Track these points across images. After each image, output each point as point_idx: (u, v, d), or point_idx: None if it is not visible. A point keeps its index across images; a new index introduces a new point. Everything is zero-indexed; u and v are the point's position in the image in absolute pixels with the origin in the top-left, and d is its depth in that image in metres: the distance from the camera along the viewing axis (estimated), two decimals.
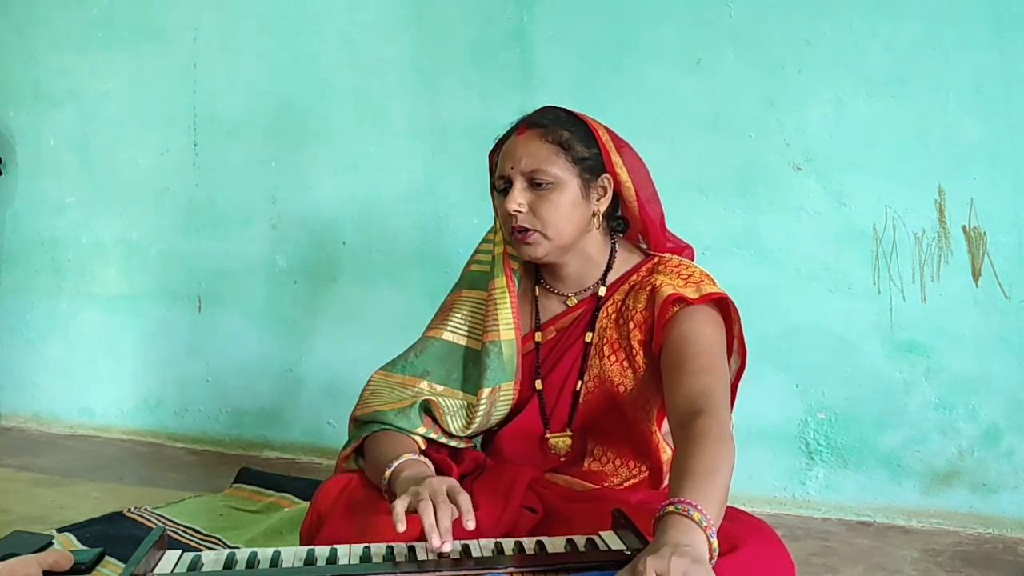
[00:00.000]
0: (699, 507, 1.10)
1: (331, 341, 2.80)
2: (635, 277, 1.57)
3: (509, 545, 1.22)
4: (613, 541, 1.22)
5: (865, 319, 2.27)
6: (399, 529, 1.19)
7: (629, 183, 1.56)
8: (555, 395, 1.57)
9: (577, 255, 1.56)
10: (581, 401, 1.55)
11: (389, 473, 1.38)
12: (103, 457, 2.83)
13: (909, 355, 2.24)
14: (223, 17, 2.87)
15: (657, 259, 1.58)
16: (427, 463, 1.42)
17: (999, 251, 2.17)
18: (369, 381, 1.63)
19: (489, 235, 1.69)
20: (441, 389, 1.58)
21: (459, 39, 2.60)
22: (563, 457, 1.57)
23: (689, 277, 1.51)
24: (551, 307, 1.61)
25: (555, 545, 1.23)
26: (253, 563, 1.17)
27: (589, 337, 1.56)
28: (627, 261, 1.60)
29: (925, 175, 2.20)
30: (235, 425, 2.93)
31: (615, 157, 1.55)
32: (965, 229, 2.19)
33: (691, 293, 1.46)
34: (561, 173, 1.49)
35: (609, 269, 1.58)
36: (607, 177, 1.55)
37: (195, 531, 2.06)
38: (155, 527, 1.40)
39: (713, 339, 1.44)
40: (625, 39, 2.41)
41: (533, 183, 1.49)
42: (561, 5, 2.48)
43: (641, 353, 1.51)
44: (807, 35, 2.26)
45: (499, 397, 1.55)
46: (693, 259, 1.64)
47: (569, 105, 1.59)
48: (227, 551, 1.21)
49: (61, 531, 2.00)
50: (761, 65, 2.30)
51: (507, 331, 1.56)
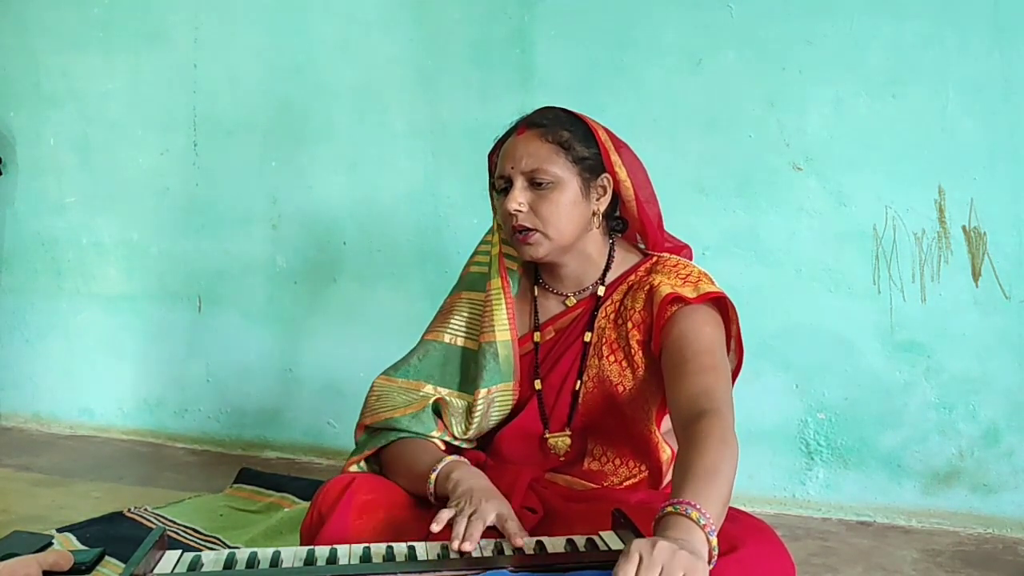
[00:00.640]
0: (698, 506, 1.10)
1: (331, 341, 2.80)
2: (633, 277, 1.57)
3: (509, 545, 1.23)
4: (613, 541, 1.22)
5: (865, 319, 2.27)
6: (434, 529, 1.25)
7: (628, 183, 1.56)
8: (554, 395, 1.57)
9: (577, 255, 1.56)
10: (580, 401, 1.55)
11: (435, 476, 1.39)
12: (103, 457, 2.83)
13: (909, 355, 2.24)
14: (223, 17, 2.87)
15: (655, 259, 1.59)
16: (467, 462, 1.44)
17: (999, 251, 2.17)
18: (373, 387, 1.63)
19: (487, 236, 1.69)
20: (446, 392, 1.59)
21: (459, 39, 2.60)
22: (563, 457, 1.57)
23: (687, 276, 1.51)
24: (550, 307, 1.61)
25: (555, 545, 1.23)
26: (253, 563, 1.17)
27: (588, 337, 1.56)
28: (625, 261, 1.60)
29: (925, 175, 2.20)
30: (235, 425, 2.93)
31: (614, 157, 1.55)
32: (965, 229, 2.19)
33: (689, 292, 1.46)
34: (561, 172, 1.49)
35: (608, 269, 1.59)
36: (606, 177, 1.55)
37: (195, 531, 2.06)
38: (155, 527, 1.40)
39: (713, 338, 1.44)
40: (625, 39, 2.41)
41: (533, 183, 1.49)
42: (561, 5, 2.48)
43: (640, 353, 1.51)
44: (807, 35, 2.26)
45: (496, 398, 1.55)
46: (691, 259, 1.65)
47: (569, 105, 1.59)
48: (227, 551, 1.21)
49: (61, 531, 1.99)
50: (761, 65, 2.30)
51: (503, 332, 1.56)
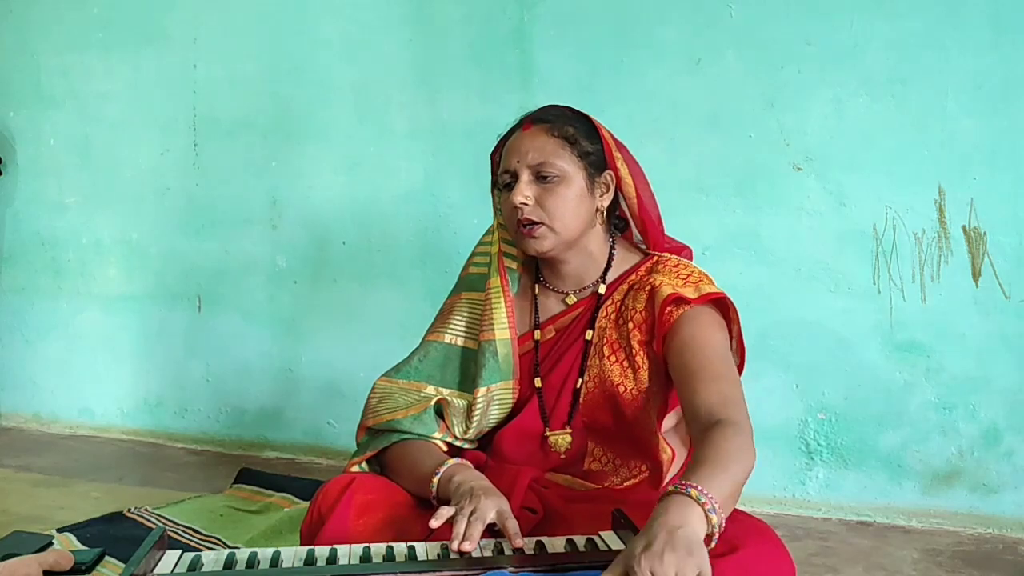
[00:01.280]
0: (699, 487, 1.11)
1: (331, 341, 2.80)
2: (634, 276, 1.57)
3: (509, 545, 1.23)
4: (613, 541, 1.23)
5: (865, 319, 2.27)
6: (432, 524, 1.26)
7: (629, 180, 1.57)
8: (555, 394, 1.57)
9: (579, 252, 1.56)
10: (581, 400, 1.55)
11: (437, 480, 1.40)
12: (103, 457, 2.83)
13: (909, 355, 2.24)
14: (223, 17, 2.87)
15: (656, 258, 1.59)
16: (469, 465, 1.45)
17: (999, 251, 2.17)
18: (374, 388, 1.63)
19: (486, 237, 1.69)
20: (447, 392, 1.59)
21: (459, 39, 2.60)
22: (564, 455, 1.57)
23: (688, 277, 1.51)
24: (550, 306, 1.61)
25: (555, 545, 1.23)
26: (253, 563, 1.17)
27: (589, 336, 1.56)
28: (626, 260, 1.60)
29: (925, 175, 2.20)
30: (235, 425, 2.93)
31: (616, 153, 1.56)
32: (965, 229, 2.19)
33: (690, 293, 1.46)
34: (567, 167, 1.50)
35: (609, 267, 1.59)
36: (609, 173, 1.56)
37: (195, 531, 2.06)
38: (155, 527, 1.40)
39: (722, 343, 1.45)
40: (625, 40, 2.41)
41: (539, 177, 1.50)
42: (561, 6, 2.48)
43: (641, 353, 1.51)
44: (807, 35, 2.26)
45: (495, 396, 1.55)
46: (692, 259, 1.65)
47: (569, 105, 1.60)
48: (227, 551, 1.21)
49: (61, 531, 2.00)
50: (761, 65, 2.30)
51: (502, 330, 1.56)
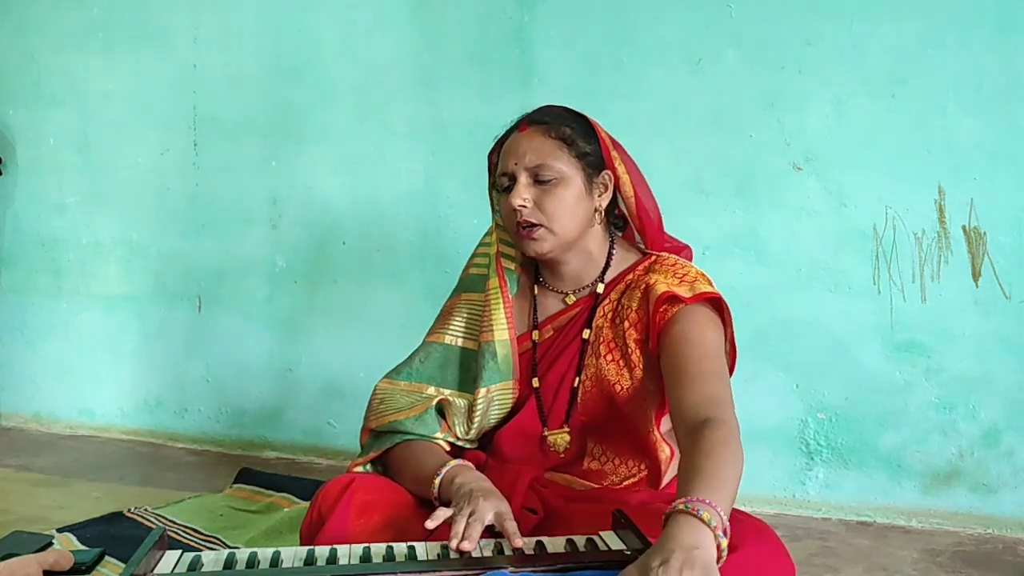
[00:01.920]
0: (710, 504, 1.11)
1: (331, 341, 2.80)
2: (631, 276, 1.57)
3: (509, 545, 1.23)
4: (613, 541, 1.23)
5: (865, 319, 2.27)
6: (428, 526, 1.26)
7: (627, 179, 1.57)
8: (552, 393, 1.57)
9: (578, 252, 1.56)
10: (579, 399, 1.55)
11: (439, 480, 1.40)
12: (103, 457, 2.83)
13: (909, 355, 2.24)
14: (223, 17, 2.87)
15: (654, 258, 1.59)
16: (471, 467, 1.44)
17: (999, 251, 2.17)
18: (375, 390, 1.63)
19: (486, 238, 1.69)
20: (448, 393, 1.59)
21: (459, 39, 2.60)
22: (563, 454, 1.57)
23: (684, 276, 1.51)
24: (549, 305, 1.61)
25: (555, 545, 1.23)
26: (253, 563, 1.17)
27: (586, 335, 1.56)
28: (624, 260, 1.60)
29: (925, 175, 2.20)
30: (235, 425, 2.93)
31: (614, 153, 1.56)
32: (965, 229, 2.19)
33: (684, 292, 1.46)
34: (565, 168, 1.50)
35: (607, 267, 1.59)
36: (607, 173, 1.55)
37: (195, 531, 2.06)
38: (155, 527, 1.40)
39: (715, 341, 1.44)
40: (625, 39, 2.41)
41: (537, 179, 1.50)
42: (561, 5, 2.48)
43: (637, 352, 1.51)
44: (807, 35, 2.26)
45: (495, 397, 1.56)
46: (691, 259, 1.65)
47: (569, 105, 1.59)
48: (227, 551, 1.21)
49: (61, 531, 1.99)
50: (761, 65, 2.30)
51: (501, 331, 1.56)
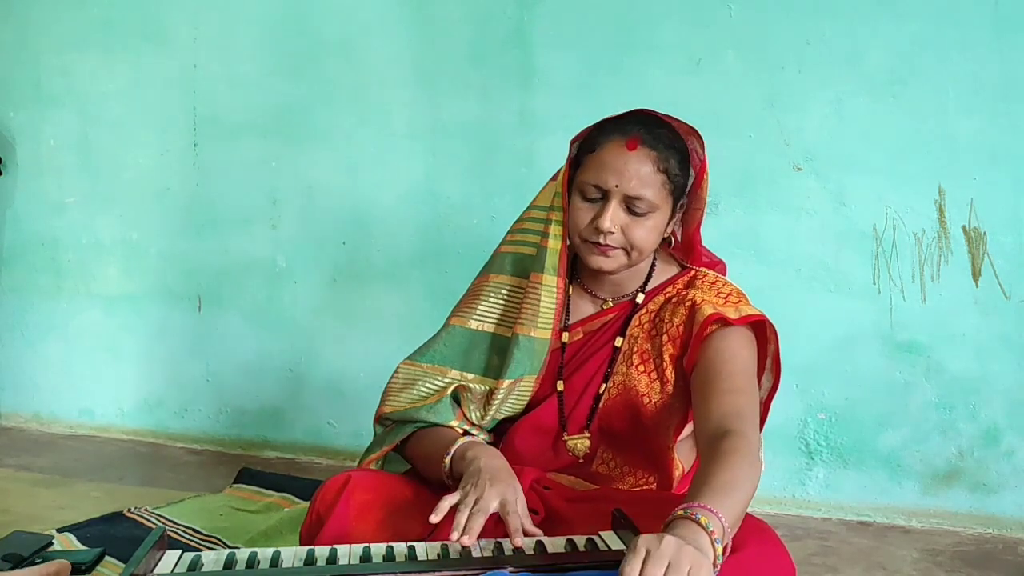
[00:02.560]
0: (710, 510, 1.10)
1: (331, 341, 2.80)
2: (671, 289, 1.56)
3: (509, 545, 1.23)
4: (613, 541, 1.23)
5: (865, 319, 2.27)
6: (433, 520, 1.24)
7: (704, 205, 1.56)
8: (576, 397, 1.56)
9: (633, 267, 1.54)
10: (601, 405, 1.54)
11: (449, 458, 1.39)
12: (103, 457, 2.83)
13: (909, 355, 2.24)
14: (223, 17, 2.87)
15: (694, 273, 1.58)
16: (482, 443, 1.43)
17: (999, 251, 2.17)
18: (396, 372, 1.61)
19: (537, 213, 1.56)
20: (472, 377, 1.56)
21: (459, 39, 2.60)
22: (582, 459, 1.56)
23: (728, 296, 1.51)
24: (583, 308, 1.60)
25: (555, 545, 1.23)
26: (253, 563, 1.17)
27: (619, 342, 1.54)
28: (665, 271, 1.59)
29: (925, 175, 2.21)
30: (235, 425, 2.93)
31: (706, 179, 1.53)
32: (965, 229, 2.19)
33: (731, 313, 1.45)
34: (661, 202, 1.46)
35: (649, 278, 1.58)
36: (684, 201, 1.54)
37: (195, 531, 2.06)
38: (155, 527, 1.40)
39: (747, 360, 1.44)
40: (625, 40, 2.41)
41: (631, 208, 1.45)
42: (561, 6, 2.47)
43: (671, 367, 1.50)
44: (807, 35, 2.26)
45: (518, 389, 1.54)
46: (725, 273, 1.64)
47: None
48: (227, 551, 1.21)
49: (61, 531, 1.99)
50: (761, 65, 2.30)
51: (544, 329, 1.52)
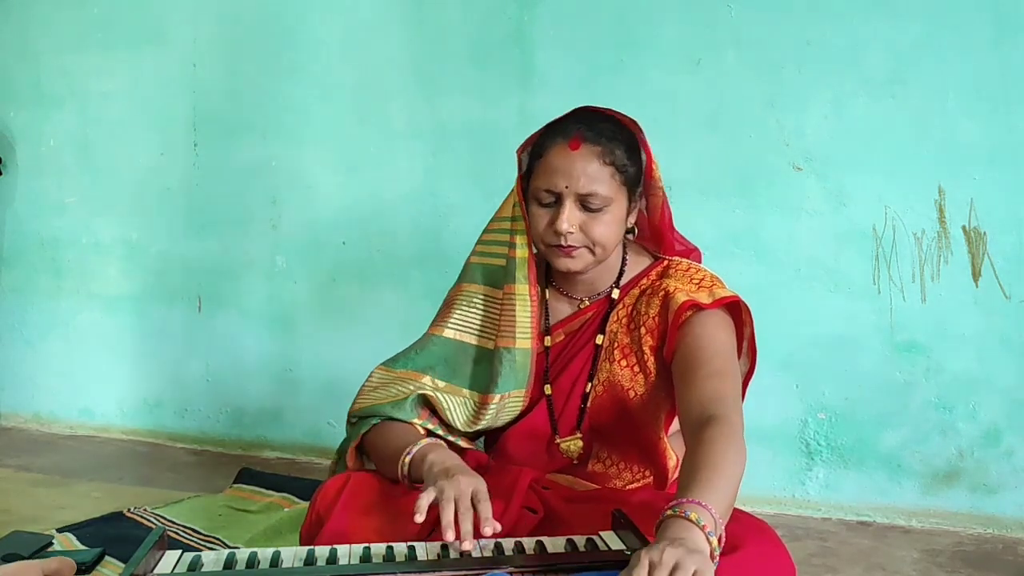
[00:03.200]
0: (700, 504, 1.10)
1: (331, 341, 2.80)
2: (645, 281, 1.56)
3: (509, 545, 1.23)
4: (613, 541, 1.23)
5: (865, 319, 2.27)
6: (417, 519, 1.21)
7: (661, 193, 1.55)
8: (564, 398, 1.56)
9: (601, 264, 1.54)
10: (589, 404, 1.54)
11: (408, 459, 1.37)
12: (103, 457, 2.83)
13: (909, 355, 2.24)
14: (223, 17, 2.87)
15: (667, 263, 1.58)
16: (444, 446, 1.42)
17: (999, 251, 2.17)
18: (370, 376, 1.62)
19: (500, 224, 1.59)
20: (444, 385, 1.57)
21: (459, 39, 2.60)
22: (576, 460, 1.57)
23: (701, 281, 1.51)
24: (561, 309, 1.60)
25: (555, 545, 1.23)
26: (253, 563, 1.17)
27: (600, 340, 1.55)
28: (637, 264, 1.59)
29: (925, 175, 2.20)
30: (235, 425, 2.93)
31: (656, 170, 1.53)
32: (965, 229, 2.19)
33: (704, 298, 1.46)
34: (614, 195, 1.46)
35: (622, 272, 1.58)
36: (641, 191, 1.54)
37: (195, 531, 2.06)
38: (155, 527, 1.40)
39: (726, 343, 1.44)
40: (625, 39, 2.41)
41: (585, 205, 1.45)
42: (561, 5, 2.47)
43: (652, 359, 1.50)
44: (807, 35, 2.26)
45: (508, 403, 1.55)
46: (700, 261, 1.64)
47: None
48: (227, 551, 1.21)
49: (61, 531, 2.00)
50: (761, 65, 2.30)
51: (524, 340, 1.53)
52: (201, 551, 1.23)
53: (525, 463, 1.55)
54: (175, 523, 2.11)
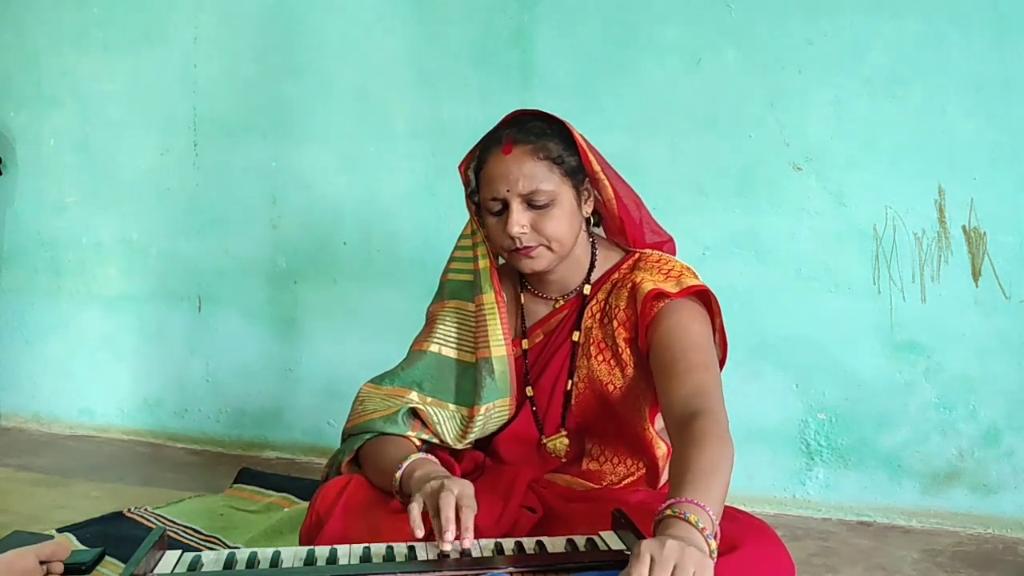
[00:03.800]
0: (698, 505, 1.10)
1: (331, 341, 2.80)
2: (617, 275, 1.56)
3: (509, 545, 1.23)
4: (613, 541, 1.22)
5: (865, 319, 2.27)
6: (417, 535, 1.20)
7: (606, 182, 1.54)
8: (546, 398, 1.57)
9: (567, 260, 1.55)
10: (573, 402, 1.55)
11: (400, 475, 1.36)
12: (103, 457, 2.83)
13: (909, 355, 2.24)
14: (223, 17, 2.87)
15: (638, 255, 1.58)
16: (435, 461, 1.42)
17: (999, 251, 2.17)
18: (359, 393, 1.63)
19: (464, 242, 1.66)
20: (430, 400, 1.57)
21: (459, 39, 2.60)
22: (564, 458, 1.57)
23: (669, 271, 1.51)
24: (537, 311, 1.61)
25: (555, 545, 1.23)
26: (253, 563, 1.17)
27: (576, 336, 1.55)
28: (608, 259, 1.60)
29: (925, 175, 2.20)
30: (235, 425, 2.93)
31: (592, 158, 1.53)
32: (965, 229, 2.19)
33: (671, 287, 1.46)
34: (557, 189, 1.47)
35: (592, 268, 1.58)
36: (589, 179, 1.54)
37: (195, 531, 2.06)
38: (155, 527, 1.40)
39: (701, 334, 1.44)
40: (625, 39, 2.41)
41: (531, 204, 1.47)
42: (561, 5, 2.47)
43: (628, 351, 1.51)
44: (807, 35, 2.26)
45: (495, 412, 1.55)
46: (675, 252, 1.63)
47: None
48: (227, 551, 1.21)
49: (61, 531, 2.00)
50: (761, 65, 2.30)
51: (498, 347, 1.55)
52: (201, 551, 1.23)
53: (518, 465, 1.56)
54: (175, 523, 2.11)
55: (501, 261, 1.62)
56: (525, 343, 1.59)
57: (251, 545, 1.91)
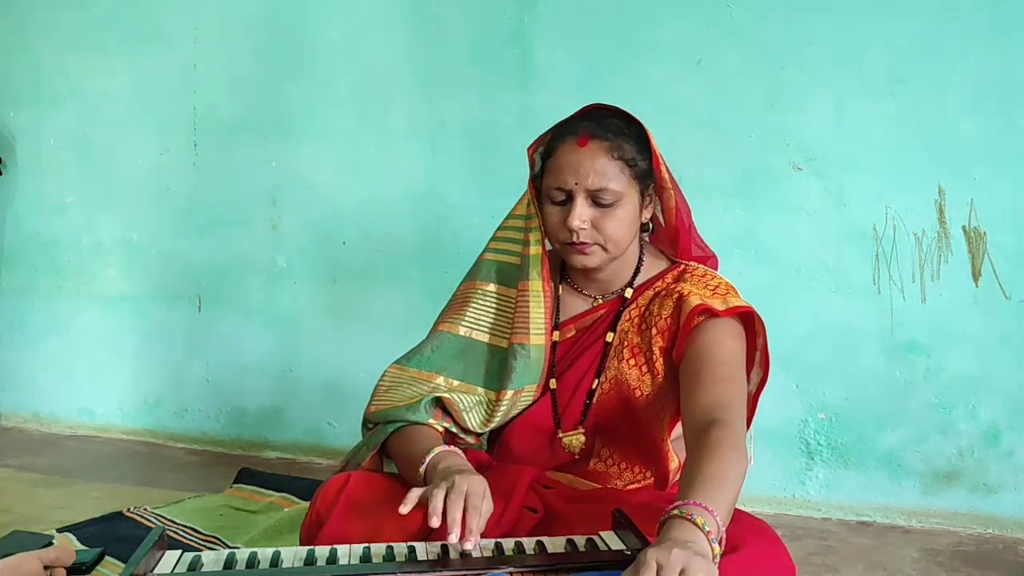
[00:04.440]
0: (704, 507, 1.10)
1: (331, 341, 2.80)
2: (660, 283, 1.56)
3: (509, 545, 1.23)
4: (613, 541, 1.23)
5: (865, 319, 2.27)
6: (402, 511, 1.21)
7: (671, 192, 1.54)
8: (569, 394, 1.56)
9: (616, 261, 1.54)
10: (595, 401, 1.55)
11: (424, 469, 1.37)
12: (103, 457, 2.83)
13: (909, 355, 2.25)
14: (223, 17, 2.87)
15: (683, 267, 1.58)
16: (459, 453, 1.42)
17: (999, 251, 2.17)
18: (384, 375, 1.61)
19: (515, 222, 1.61)
20: (458, 384, 1.57)
21: (459, 39, 2.60)
22: (578, 455, 1.57)
23: (716, 288, 1.51)
24: (574, 305, 1.60)
25: (555, 545, 1.23)
26: (253, 563, 1.17)
27: (610, 338, 1.55)
28: (654, 266, 1.59)
29: (925, 175, 2.21)
30: (235, 425, 2.93)
31: (664, 167, 1.52)
32: (965, 229, 2.19)
33: (718, 304, 1.45)
34: (624, 190, 1.46)
35: (637, 272, 1.58)
36: (654, 186, 1.53)
37: (195, 531, 2.06)
38: (155, 527, 1.40)
39: (734, 350, 1.44)
40: (625, 39, 2.41)
41: (596, 201, 1.45)
42: (561, 5, 2.48)
43: (661, 360, 1.50)
44: (807, 35, 2.26)
45: (521, 398, 1.55)
46: (717, 268, 1.63)
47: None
48: (227, 551, 1.21)
49: (61, 531, 2.00)
50: (761, 65, 2.30)
51: (538, 336, 1.54)
52: (201, 551, 1.23)
53: (527, 457, 1.56)
54: (175, 523, 2.11)
55: (549, 248, 1.60)
56: (556, 335, 1.58)
57: (251, 545, 1.91)
